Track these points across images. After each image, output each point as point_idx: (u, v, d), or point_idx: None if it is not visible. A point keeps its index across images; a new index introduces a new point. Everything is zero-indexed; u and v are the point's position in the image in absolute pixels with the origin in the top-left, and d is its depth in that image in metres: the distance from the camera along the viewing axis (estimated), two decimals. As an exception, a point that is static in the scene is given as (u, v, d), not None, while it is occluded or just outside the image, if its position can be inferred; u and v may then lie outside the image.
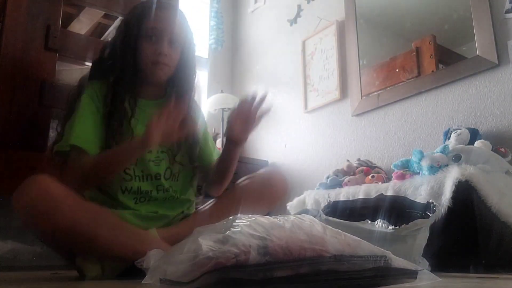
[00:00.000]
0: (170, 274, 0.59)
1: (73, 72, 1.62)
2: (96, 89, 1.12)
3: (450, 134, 1.68)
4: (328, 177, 1.99)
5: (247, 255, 0.55)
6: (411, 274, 0.67)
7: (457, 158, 1.49)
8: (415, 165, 1.59)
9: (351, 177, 1.89)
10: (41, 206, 0.86)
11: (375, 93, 2.20)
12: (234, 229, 0.61)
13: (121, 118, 1.10)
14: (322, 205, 1.66)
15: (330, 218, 1.46)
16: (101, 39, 2.89)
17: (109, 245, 0.91)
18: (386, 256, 0.65)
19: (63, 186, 0.92)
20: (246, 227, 0.61)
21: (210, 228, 0.68)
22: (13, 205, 0.89)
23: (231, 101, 2.81)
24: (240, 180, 1.24)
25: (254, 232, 0.60)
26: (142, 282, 0.65)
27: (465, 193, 1.35)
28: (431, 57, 2.00)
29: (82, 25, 2.92)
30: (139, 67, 1.13)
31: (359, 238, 0.69)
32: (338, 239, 0.65)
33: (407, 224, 1.29)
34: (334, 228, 0.70)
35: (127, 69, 1.11)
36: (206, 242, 0.59)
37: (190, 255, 0.59)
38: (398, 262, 0.67)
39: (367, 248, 0.66)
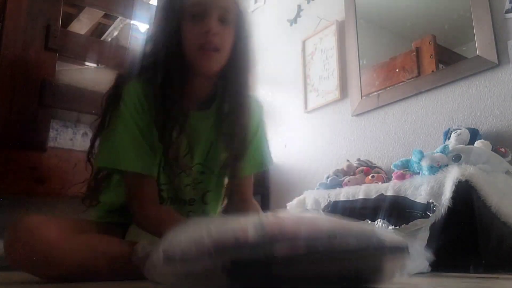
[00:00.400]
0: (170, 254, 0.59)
1: (73, 72, 1.62)
2: (137, 92, 0.92)
3: (450, 134, 1.68)
4: (328, 177, 1.99)
5: (245, 233, 0.56)
6: (403, 251, 0.67)
7: (457, 158, 1.49)
8: (415, 165, 1.59)
9: (351, 177, 1.89)
10: (36, 254, 0.80)
11: (375, 93, 2.19)
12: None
13: (168, 132, 0.90)
14: (322, 205, 1.67)
15: (330, 218, 1.47)
16: (101, 39, 2.89)
17: (113, 275, 0.86)
18: (376, 233, 0.66)
19: (57, 227, 0.83)
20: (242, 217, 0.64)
21: (206, 219, 0.69)
22: (5, 251, 0.82)
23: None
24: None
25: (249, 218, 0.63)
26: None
27: (465, 193, 1.35)
28: (431, 57, 2.00)
29: (82, 25, 2.92)
30: (184, 58, 0.91)
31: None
32: (330, 220, 0.66)
33: (407, 224, 1.29)
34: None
35: (171, 63, 0.90)
36: (205, 226, 0.60)
37: (190, 236, 0.59)
38: (389, 238, 0.67)
39: (358, 226, 0.67)
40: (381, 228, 1.34)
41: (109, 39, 2.99)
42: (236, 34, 0.94)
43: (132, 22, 2.45)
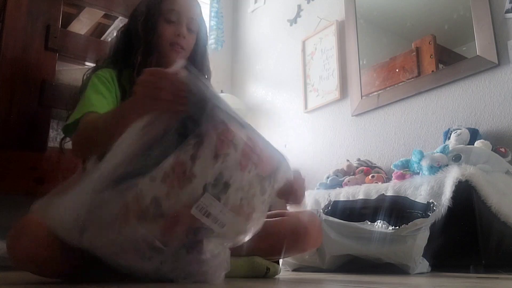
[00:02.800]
0: None
1: (73, 72, 1.61)
2: (108, 73, 1.10)
3: (450, 134, 1.68)
4: (328, 177, 1.99)
5: None
6: None
7: (457, 158, 1.49)
8: (415, 165, 1.59)
9: (351, 177, 1.89)
10: (40, 252, 0.80)
11: (375, 93, 2.20)
12: None
13: None
14: (322, 205, 1.66)
15: (330, 218, 1.47)
16: (101, 39, 2.89)
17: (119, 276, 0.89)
18: None
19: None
20: None
21: None
22: (8, 250, 0.82)
23: (231, 101, 2.81)
24: (269, 213, 1.09)
25: None
26: None
27: (465, 193, 1.35)
28: (431, 57, 2.00)
29: (82, 25, 2.91)
30: (156, 50, 1.13)
31: None
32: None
33: (407, 224, 1.29)
34: None
35: (147, 52, 1.11)
36: None
37: None
38: None
39: None
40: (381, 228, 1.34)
41: (109, 39, 2.99)
42: (197, 39, 1.20)
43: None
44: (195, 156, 0.71)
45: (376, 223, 1.37)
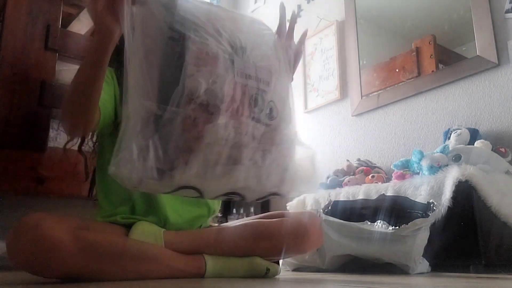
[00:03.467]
0: None
1: (73, 72, 1.61)
2: (107, 73, 1.05)
3: (450, 134, 1.68)
4: (328, 177, 1.99)
5: None
6: None
7: (457, 158, 1.49)
8: (415, 165, 1.59)
9: (351, 177, 1.89)
10: (39, 252, 0.79)
11: (375, 93, 2.20)
12: None
13: None
14: (322, 205, 1.66)
15: (330, 218, 1.47)
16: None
17: (118, 275, 0.87)
18: None
19: (61, 226, 0.83)
20: None
21: None
22: (7, 250, 0.82)
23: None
24: (269, 214, 1.16)
25: None
26: None
27: (465, 193, 1.35)
28: (431, 57, 2.00)
29: (82, 25, 2.91)
30: None
31: None
32: None
33: (407, 224, 1.29)
34: None
35: None
36: None
37: None
38: None
39: None
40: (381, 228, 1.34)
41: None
42: None
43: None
44: (200, 38, 0.76)
45: (376, 223, 1.37)
